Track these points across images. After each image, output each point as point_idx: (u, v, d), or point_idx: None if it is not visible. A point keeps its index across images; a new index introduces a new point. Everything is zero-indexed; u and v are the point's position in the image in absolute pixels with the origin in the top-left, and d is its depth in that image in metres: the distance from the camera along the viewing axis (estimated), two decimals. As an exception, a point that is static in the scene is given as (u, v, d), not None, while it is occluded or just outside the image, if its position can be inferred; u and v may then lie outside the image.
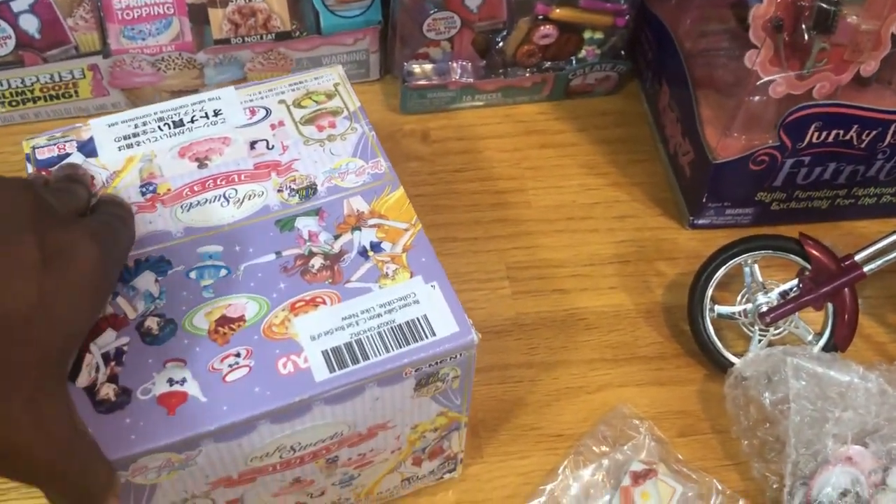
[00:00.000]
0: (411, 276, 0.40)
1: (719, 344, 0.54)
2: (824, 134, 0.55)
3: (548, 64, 0.67)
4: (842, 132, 0.55)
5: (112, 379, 0.36)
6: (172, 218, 0.41)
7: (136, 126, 0.45)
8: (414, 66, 0.66)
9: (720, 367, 0.54)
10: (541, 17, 0.63)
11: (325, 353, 0.37)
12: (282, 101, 0.46)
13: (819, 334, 0.54)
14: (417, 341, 0.38)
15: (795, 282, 0.54)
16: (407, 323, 0.39)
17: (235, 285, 0.39)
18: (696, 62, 0.61)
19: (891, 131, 0.55)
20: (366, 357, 0.37)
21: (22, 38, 0.60)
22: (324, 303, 0.39)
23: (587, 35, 0.65)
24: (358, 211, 0.42)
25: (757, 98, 0.55)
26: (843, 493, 0.46)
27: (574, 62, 0.67)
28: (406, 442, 0.44)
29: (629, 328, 0.57)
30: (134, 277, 0.39)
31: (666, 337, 0.57)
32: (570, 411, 0.53)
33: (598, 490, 0.49)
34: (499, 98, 0.68)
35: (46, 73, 0.62)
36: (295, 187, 0.43)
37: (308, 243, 0.41)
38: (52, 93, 0.64)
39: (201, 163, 0.44)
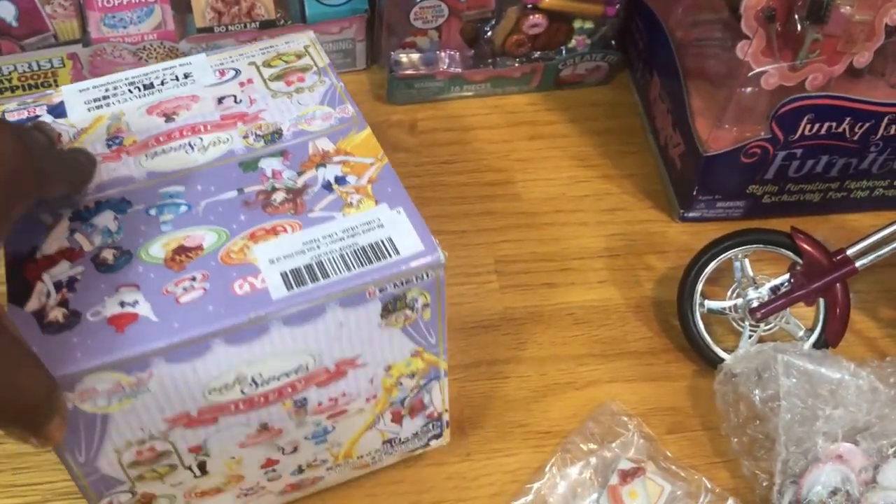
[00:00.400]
0: (376, 204, 0.39)
1: (709, 340, 0.53)
2: (817, 126, 0.54)
3: (537, 54, 0.65)
4: (834, 124, 0.54)
5: (62, 304, 0.35)
6: (136, 165, 0.41)
7: (106, 90, 0.45)
8: (401, 55, 0.64)
9: (710, 362, 0.53)
10: (530, 6, 0.62)
11: (283, 275, 0.36)
12: (252, 63, 0.46)
13: (810, 330, 0.53)
14: (380, 260, 0.37)
15: (786, 276, 0.53)
16: (370, 245, 0.37)
17: (195, 219, 0.39)
18: (687, 52, 0.60)
19: (883, 124, 0.55)
20: (326, 276, 0.36)
21: (-1, 26, 0.59)
22: (284, 231, 0.38)
23: (577, 24, 0.64)
24: (323, 150, 0.41)
25: (748, 89, 0.54)
26: (834, 492, 0.46)
27: (564, 52, 0.66)
28: (381, 388, 0.42)
29: (618, 323, 0.56)
30: (93, 216, 0.39)
31: (655, 332, 0.56)
32: (557, 408, 0.52)
33: (585, 489, 0.48)
34: (487, 88, 0.67)
35: (24, 62, 0.61)
36: (260, 133, 0.42)
37: (271, 180, 0.40)
38: (31, 82, 0.62)
39: (168, 118, 0.43)
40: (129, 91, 0.44)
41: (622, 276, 0.59)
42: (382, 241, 0.38)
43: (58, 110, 0.43)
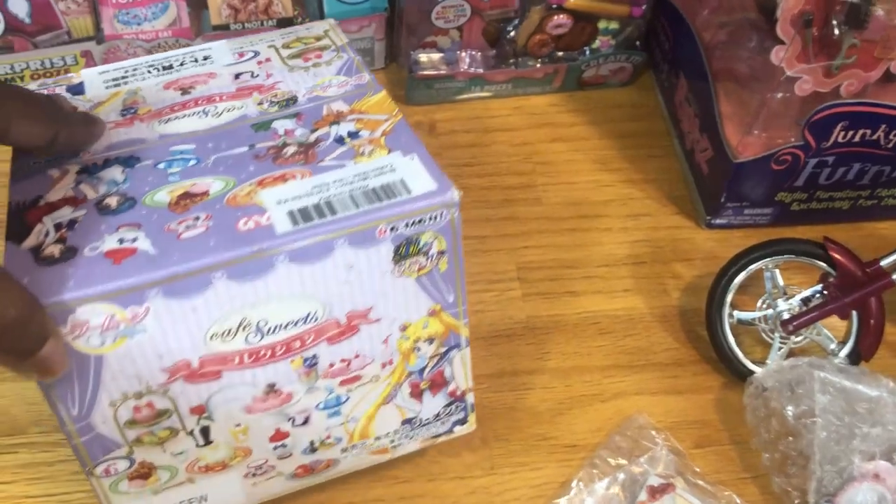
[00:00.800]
0: (389, 153, 0.38)
1: (738, 351, 0.52)
2: (850, 133, 0.53)
3: (560, 54, 0.64)
4: (869, 132, 0.53)
5: (60, 241, 0.34)
6: (149, 129, 0.40)
7: (125, 71, 0.45)
8: (421, 55, 0.63)
9: (739, 375, 0.52)
10: (555, 5, 0.60)
11: (290, 213, 0.35)
12: (271, 46, 0.46)
13: (842, 342, 0.52)
14: (391, 198, 0.35)
15: (818, 287, 0.52)
16: (381, 186, 0.36)
17: (203, 171, 0.38)
18: (716, 55, 0.58)
19: (919, 131, 0.53)
20: (334, 213, 0.35)
21: (11, 23, 0.58)
22: (294, 178, 0.37)
23: (602, 25, 0.62)
24: (338, 111, 0.41)
25: (780, 95, 0.52)
26: (869, 511, 0.44)
27: (588, 53, 0.64)
28: (398, 353, 0.40)
29: (644, 333, 0.55)
30: (100, 171, 0.38)
31: (682, 343, 0.55)
32: (583, 420, 0.51)
33: (613, 505, 0.47)
34: (508, 89, 0.65)
35: (37, 60, 0.59)
36: (275, 100, 0.42)
37: (283, 137, 0.39)
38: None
39: (185, 91, 0.43)
40: (148, 72, 0.44)
41: (648, 284, 0.57)
42: (394, 183, 0.36)
43: (76, 89, 0.43)
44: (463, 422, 0.46)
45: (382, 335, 0.39)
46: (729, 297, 0.52)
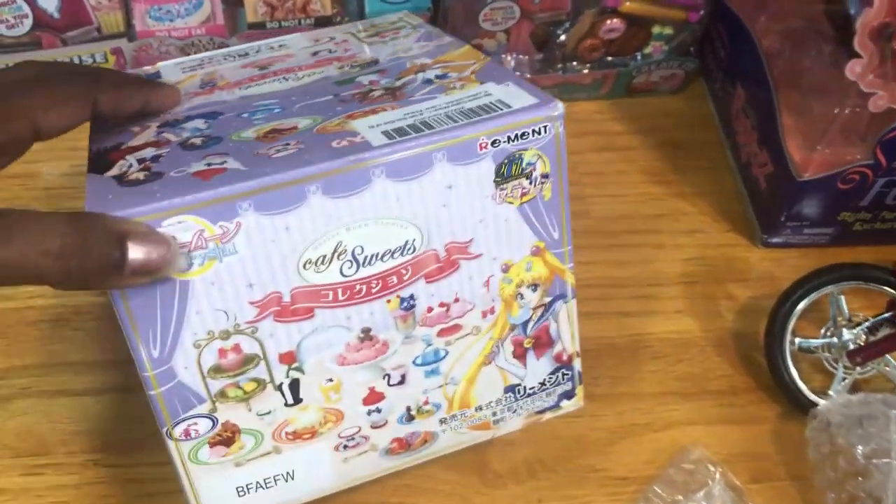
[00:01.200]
0: (481, 84, 0.36)
1: (799, 381, 0.49)
2: (924, 152, 0.50)
3: (610, 59, 0.61)
4: (944, 151, 0.50)
5: (144, 170, 0.32)
6: (230, 94, 0.39)
7: (202, 61, 0.45)
8: (465, 57, 0.60)
9: (798, 405, 0.49)
10: (609, 9, 0.57)
11: (385, 132, 0.33)
12: (346, 32, 0.47)
13: (912, 375, 0.49)
14: (490, 113, 0.34)
15: (886, 315, 0.49)
16: (479, 106, 0.34)
17: (288, 115, 0.36)
18: (778, 64, 0.55)
19: None
20: (431, 129, 0.33)
21: (40, 18, 0.55)
22: (384, 110, 0.35)
23: (656, 30, 0.60)
24: (422, 63, 0.40)
25: (849, 110, 0.49)
26: (943, 560, 0.42)
27: (639, 58, 0.61)
28: (499, 299, 0.37)
29: (698, 358, 0.52)
30: (182, 123, 0.37)
31: (737, 369, 0.52)
32: (635, 451, 0.49)
33: (670, 546, 0.44)
34: (554, 95, 0.62)
35: (65, 57, 0.57)
36: (356, 63, 0.41)
37: (368, 86, 0.38)
38: (71, 77, 0.58)
39: (263, 67, 0.42)
40: (224, 59, 0.44)
41: (701, 305, 0.55)
42: (492, 102, 0.34)
43: (153, 77, 0.44)
44: (570, 395, 0.42)
45: (483, 275, 0.37)
46: (791, 324, 0.50)
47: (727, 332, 0.54)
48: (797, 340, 0.50)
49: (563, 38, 0.59)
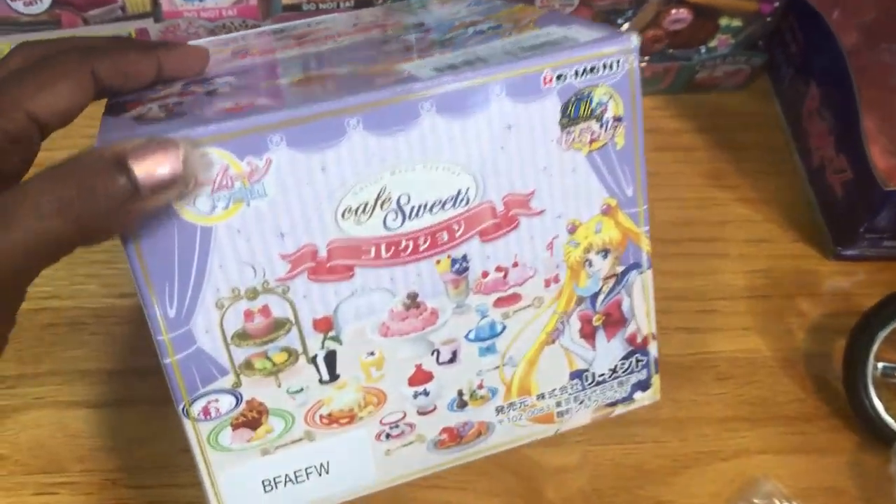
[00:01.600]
0: (541, 28, 0.32)
1: (882, 410, 0.45)
2: None
3: (672, 52, 0.57)
4: None
5: (166, 110, 0.29)
6: (262, 59, 0.36)
7: (235, 38, 0.41)
8: (515, 46, 0.56)
9: (879, 435, 0.45)
10: (676, -2, 0.53)
11: (436, 68, 0.29)
12: (391, 9, 0.44)
13: None
14: (555, 46, 0.30)
15: (978, 341, 0.45)
16: (541, 43, 0.30)
17: (326, 66, 0.34)
18: (863, 63, 0.51)
19: None
20: (487, 63, 0.29)
21: (60, -6, 0.51)
22: (433, 55, 0.31)
23: (724, 22, 0.55)
24: (472, 21, 0.36)
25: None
26: None
27: (703, 51, 0.57)
28: (564, 265, 0.33)
29: (767, 380, 0.48)
30: (209, 80, 0.33)
31: (809, 393, 0.48)
32: (700, 482, 0.45)
33: (744, 592, 0.40)
34: (609, 89, 0.58)
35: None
36: (401, 27, 0.38)
37: (415, 41, 0.35)
38: (93, 58, 0.54)
39: (299, 38, 0.39)
40: (258, 36, 0.41)
41: (770, 321, 0.50)
42: (556, 38, 0.31)
43: None
44: (645, 385, 0.37)
45: (547, 236, 0.32)
46: (875, 347, 0.45)
47: (797, 352, 0.50)
48: (880, 365, 0.46)
49: (624, 27, 0.55)
